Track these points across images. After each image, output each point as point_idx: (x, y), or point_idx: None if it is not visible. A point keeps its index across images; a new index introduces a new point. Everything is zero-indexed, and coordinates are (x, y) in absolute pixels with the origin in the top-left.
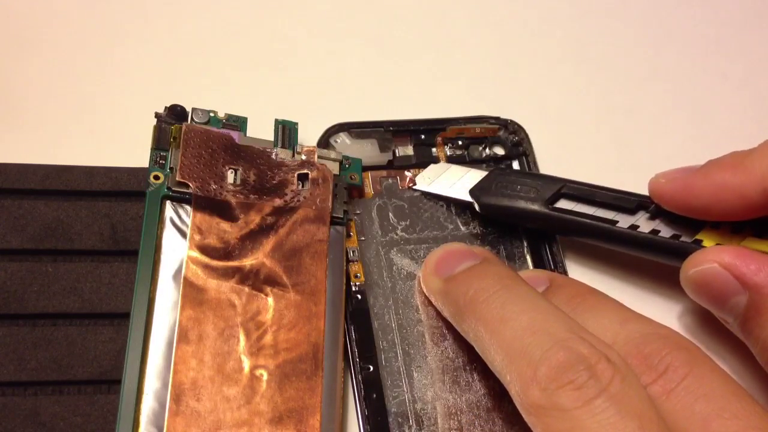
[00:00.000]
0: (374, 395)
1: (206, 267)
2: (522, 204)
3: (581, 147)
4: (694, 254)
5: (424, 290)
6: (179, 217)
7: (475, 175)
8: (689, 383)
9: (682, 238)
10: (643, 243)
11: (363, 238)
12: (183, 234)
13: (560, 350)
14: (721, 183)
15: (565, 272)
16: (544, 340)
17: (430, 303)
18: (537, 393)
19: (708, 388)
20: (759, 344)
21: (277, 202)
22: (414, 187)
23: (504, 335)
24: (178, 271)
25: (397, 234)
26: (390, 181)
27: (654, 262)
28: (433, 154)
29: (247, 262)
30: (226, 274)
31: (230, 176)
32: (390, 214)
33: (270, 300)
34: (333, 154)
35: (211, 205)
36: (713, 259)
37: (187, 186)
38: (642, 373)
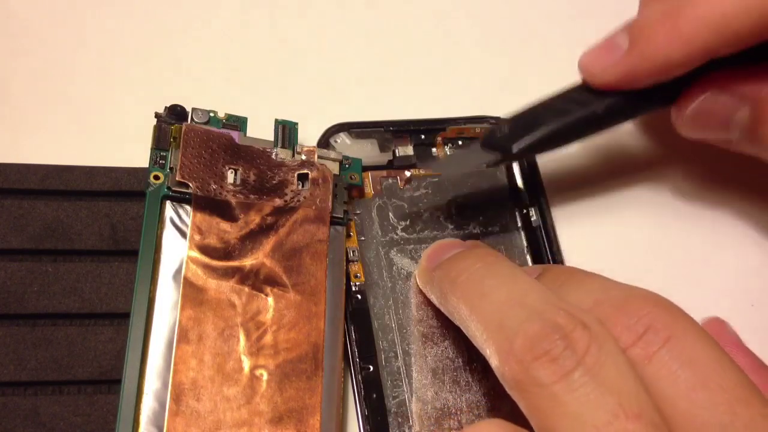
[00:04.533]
0: (374, 395)
1: (206, 267)
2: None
3: (581, 146)
4: (685, 92)
5: (419, 284)
6: (179, 217)
7: (473, 150)
8: (672, 347)
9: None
10: (630, 103)
11: (363, 238)
12: (183, 234)
13: (536, 321)
14: (663, 62)
15: None
16: (521, 312)
17: (429, 303)
18: (515, 367)
19: (691, 353)
20: None
21: (277, 202)
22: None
23: (483, 309)
24: (178, 271)
25: (397, 234)
26: (390, 181)
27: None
28: (433, 154)
29: (247, 262)
30: (226, 274)
31: (230, 176)
32: (390, 214)
33: (270, 300)
34: (333, 154)
35: (211, 205)
36: (705, 89)
37: (187, 186)
38: (621, 335)
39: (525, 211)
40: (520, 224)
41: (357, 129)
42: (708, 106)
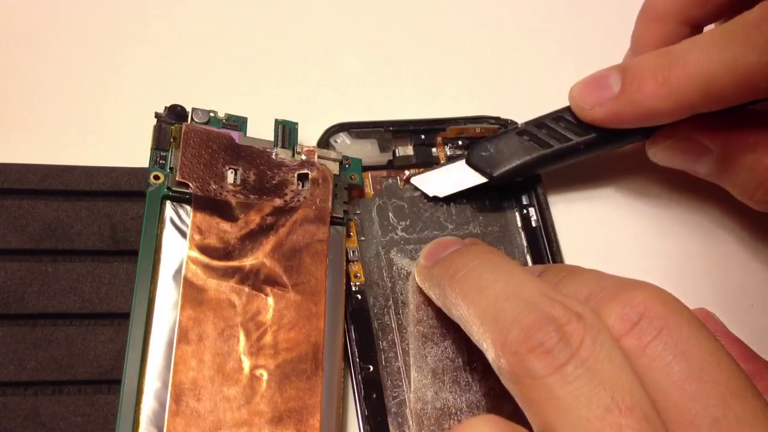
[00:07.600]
0: (374, 395)
1: (206, 267)
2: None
3: None
4: (658, 132)
5: (418, 281)
6: (179, 217)
7: (458, 166)
8: (666, 337)
9: None
10: (609, 138)
11: (363, 238)
12: (183, 234)
13: (530, 313)
14: (649, 111)
15: None
16: (516, 304)
17: (429, 303)
18: (510, 358)
19: (686, 344)
20: (738, 185)
21: (277, 202)
22: (439, 196)
23: (479, 303)
24: (178, 271)
25: (397, 234)
26: (390, 181)
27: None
28: (433, 154)
29: (247, 262)
30: (226, 274)
31: (230, 176)
32: (390, 214)
33: (270, 300)
34: (333, 154)
35: (211, 205)
36: (677, 132)
37: (187, 186)
38: (615, 324)
39: (525, 211)
40: (520, 224)
41: (357, 129)
42: (678, 147)
